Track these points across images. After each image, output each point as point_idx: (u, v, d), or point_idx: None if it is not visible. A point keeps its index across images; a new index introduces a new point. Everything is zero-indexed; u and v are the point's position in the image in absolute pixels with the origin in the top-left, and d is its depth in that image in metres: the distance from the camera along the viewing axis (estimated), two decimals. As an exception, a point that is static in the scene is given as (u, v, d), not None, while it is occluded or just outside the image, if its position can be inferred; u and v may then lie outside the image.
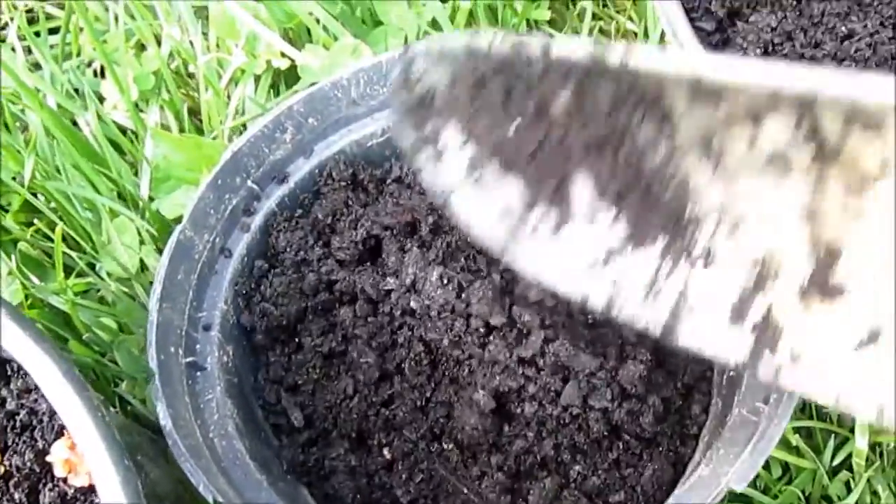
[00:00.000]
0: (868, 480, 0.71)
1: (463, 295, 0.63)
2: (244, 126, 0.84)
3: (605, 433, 0.63)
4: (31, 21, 0.94)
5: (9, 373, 0.67)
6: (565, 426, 0.63)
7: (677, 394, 0.66)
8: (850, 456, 0.72)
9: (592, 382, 0.62)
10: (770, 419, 0.52)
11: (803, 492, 0.73)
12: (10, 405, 0.66)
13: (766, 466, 0.74)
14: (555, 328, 0.61)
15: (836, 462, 0.73)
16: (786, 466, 0.75)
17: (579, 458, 0.64)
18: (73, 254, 0.80)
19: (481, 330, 0.63)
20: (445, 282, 0.63)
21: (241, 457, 0.61)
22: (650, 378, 0.64)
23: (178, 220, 0.73)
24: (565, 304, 0.66)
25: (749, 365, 0.43)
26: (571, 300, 0.50)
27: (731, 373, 0.64)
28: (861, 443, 0.68)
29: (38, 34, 0.89)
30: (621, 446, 0.65)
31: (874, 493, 0.70)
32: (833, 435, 0.74)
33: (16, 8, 0.91)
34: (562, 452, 0.64)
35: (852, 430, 0.73)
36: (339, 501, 0.65)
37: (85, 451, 0.46)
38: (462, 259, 0.67)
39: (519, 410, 0.63)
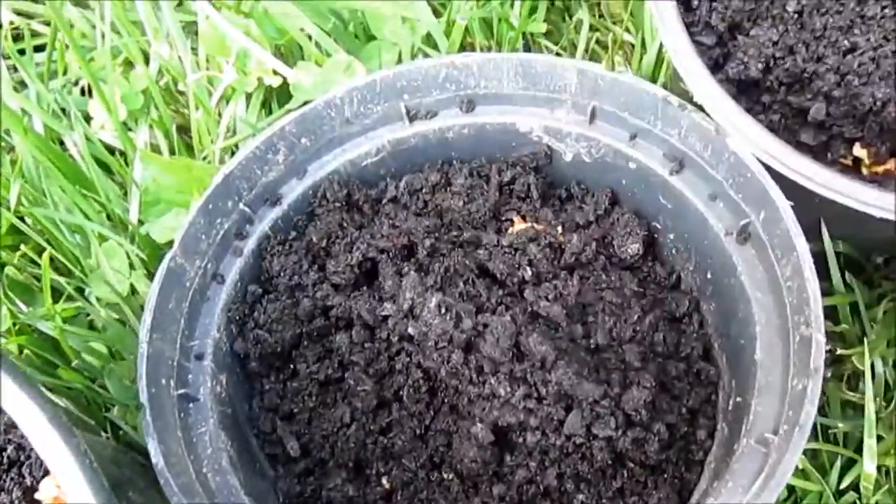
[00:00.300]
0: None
1: (461, 325, 0.61)
2: (236, 146, 0.82)
3: (610, 462, 0.61)
4: (17, 38, 0.92)
5: None
6: (568, 455, 0.61)
7: (682, 419, 0.65)
8: (857, 478, 0.71)
9: (596, 411, 0.60)
10: (781, 452, 0.51)
11: (810, 515, 0.71)
12: (-3, 441, 0.64)
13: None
14: (558, 355, 0.60)
15: (843, 485, 0.71)
16: (791, 488, 0.74)
17: (583, 488, 0.62)
18: (62, 279, 0.78)
19: (481, 364, 0.61)
20: (443, 311, 0.61)
21: (236, 493, 0.59)
22: (654, 404, 0.63)
23: (169, 244, 0.71)
24: (568, 331, 0.65)
25: None
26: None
27: (738, 398, 0.62)
28: (869, 466, 0.67)
29: (22, 52, 0.87)
30: (626, 474, 0.63)
31: (883, 517, 0.69)
32: (839, 457, 0.72)
33: (0, 26, 0.88)
34: (565, 482, 0.62)
35: (858, 451, 0.71)
36: (338, 534, 0.64)
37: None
38: (461, 284, 0.65)
39: (521, 440, 0.61)
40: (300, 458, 0.67)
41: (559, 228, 0.71)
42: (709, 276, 0.69)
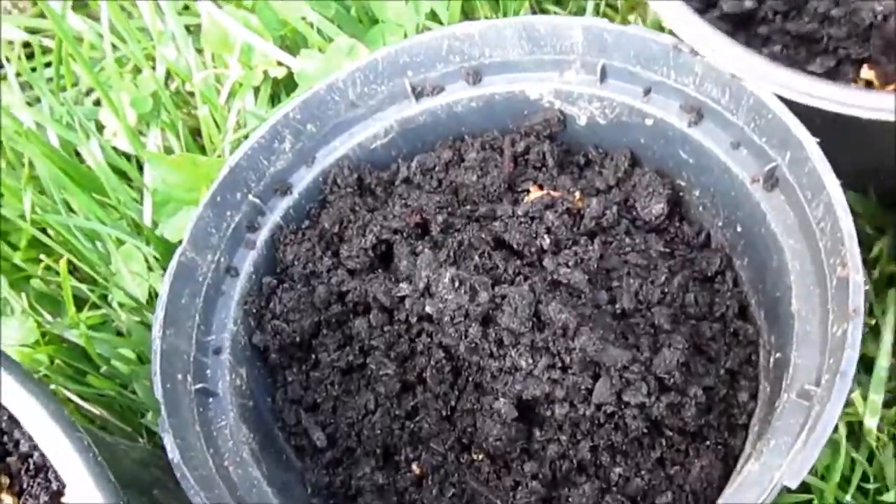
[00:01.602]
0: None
1: (477, 298, 0.59)
2: (245, 139, 0.82)
3: (645, 430, 0.58)
4: (30, 57, 0.93)
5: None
6: (601, 426, 0.58)
7: (721, 381, 0.61)
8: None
9: (626, 377, 0.57)
10: (823, 403, 0.47)
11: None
12: (24, 447, 0.64)
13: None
14: (581, 322, 0.57)
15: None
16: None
17: (619, 460, 0.59)
18: (85, 286, 0.78)
19: (501, 336, 0.59)
20: (457, 285, 0.59)
21: (258, 484, 0.57)
22: (689, 367, 0.59)
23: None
24: (591, 297, 0.62)
25: None
26: None
27: (778, 354, 0.58)
28: (869, 422, 0.63)
29: (34, 70, 0.88)
30: (664, 443, 0.60)
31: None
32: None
33: (11, 44, 0.89)
34: (600, 455, 0.59)
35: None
36: (369, 523, 0.62)
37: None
38: (476, 257, 0.63)
39: (549, 413, 0.59)
40: (327, 449, 0.65)
41: (577, 194, 0.68)
42: (739, 229, 0.65)
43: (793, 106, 0.58)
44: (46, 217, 0.74)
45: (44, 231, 0.80)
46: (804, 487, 0.68)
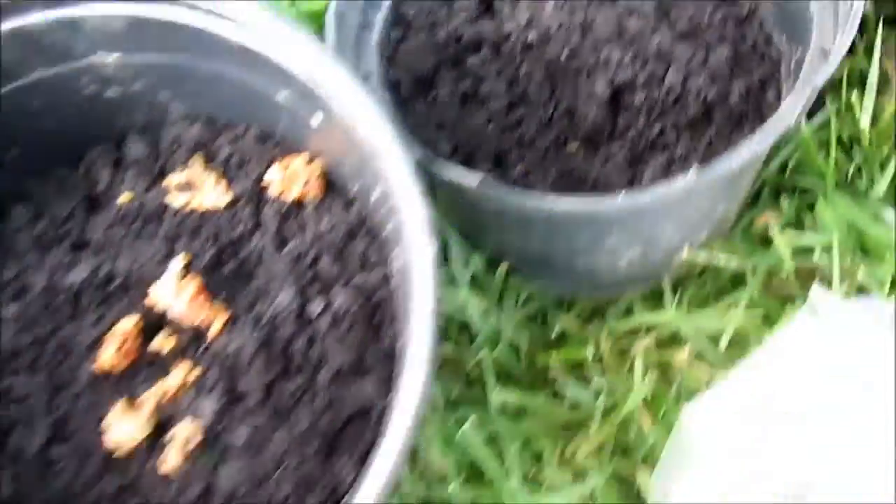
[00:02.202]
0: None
1: (574, 17, 0.78)
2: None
3: (701, 114, 0.78)
4: None
5: (218, 126, 0.83)
6: (669, 110, 0.78)
7: (754, 83, 0.81)
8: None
9: (688, 68, 0.77)
10: (836, 45, 0.67)
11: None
12: (224, 153, 0.82)
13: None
14: (654, 27, 0.77)
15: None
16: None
17: (682, 140, 0.79)
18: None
19: (595, 41, 0.78)
20: (561, 7, 0.78)
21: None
22: (733, 69, 0.79)
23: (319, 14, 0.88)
24: (655, 21, 0.81)
25: None
26: None
27: (799, 52, 0.79)
28: (864, 121, 0.82)
29: None
30: (714, 129, 0.80)
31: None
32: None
33: None
34: (667, 134, 0.79)
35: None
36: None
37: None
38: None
39: (631, 101, 0.78)
40: (451, 155, 0.84)
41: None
42: (766, -21, 0.85)
43: None
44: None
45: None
46: (803, 190, 0.88)
